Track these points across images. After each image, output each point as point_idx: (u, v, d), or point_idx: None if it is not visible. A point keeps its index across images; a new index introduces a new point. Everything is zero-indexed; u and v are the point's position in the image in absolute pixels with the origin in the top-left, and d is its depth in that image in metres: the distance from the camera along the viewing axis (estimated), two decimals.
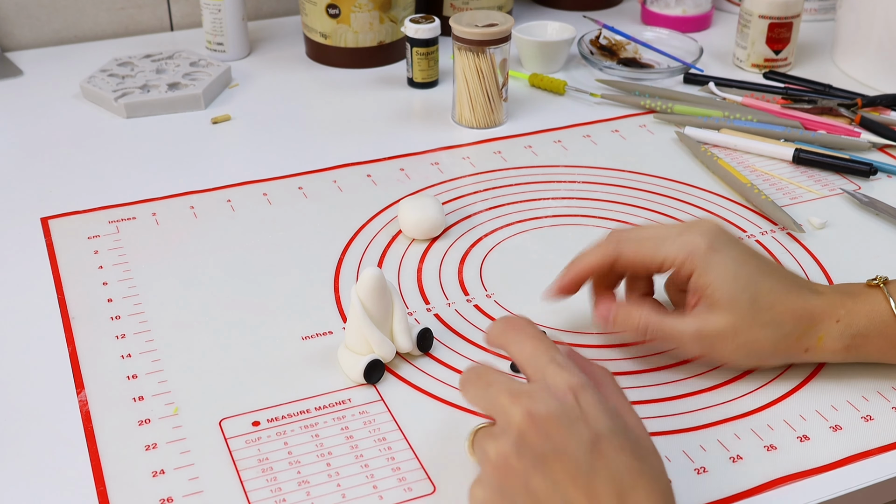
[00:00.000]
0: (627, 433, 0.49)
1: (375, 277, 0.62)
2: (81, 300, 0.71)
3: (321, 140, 0.94)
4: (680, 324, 0.62)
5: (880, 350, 0.62)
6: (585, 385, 0.50)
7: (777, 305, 0.60)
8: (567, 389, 0.49)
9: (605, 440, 0.48)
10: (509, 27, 0.91)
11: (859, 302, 0.62)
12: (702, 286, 0.61)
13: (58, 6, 1.12)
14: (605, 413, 0.49)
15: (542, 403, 0.49)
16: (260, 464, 0.58)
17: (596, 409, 0.49)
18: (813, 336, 0.61)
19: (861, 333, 0.61)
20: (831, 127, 0.95)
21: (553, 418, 0.48)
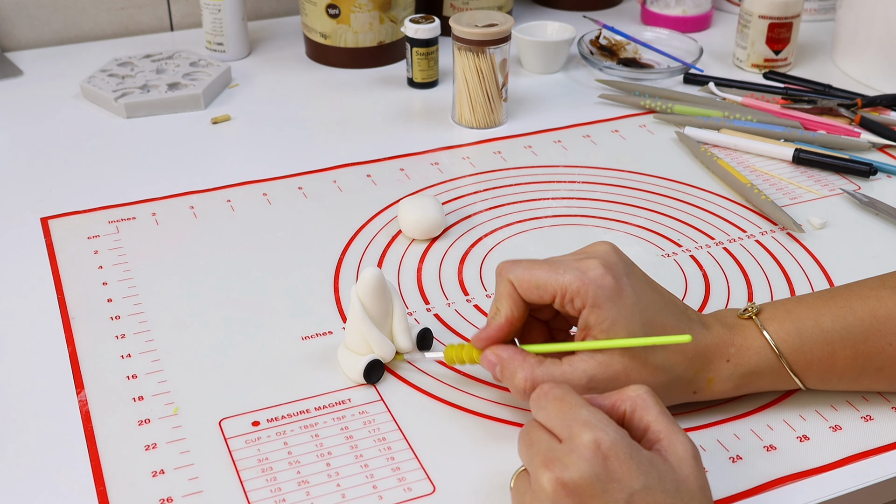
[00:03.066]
0: (663, 483, 0.48)
1: (375, 277, 0.62)
2: (81, 300, 0.71)
3: (321, 140, 0.94)
4: (571, 373, 0.56)
5: (770, 384, 0.60)
6: (615, 440, 0.48)
7: (670, 348, 0.57)
8: (595, 449, 0.48)
9: (639, 499, 0.47)
10: (509, 27, 0.91)
11: (744, 337, 0.58)
12: (596, 321, 0.56)
13: (58, 6, 1.12)
14: (637, 468, 0.48)
15: (573, 470, 0.48)
16: (260, 464, 0.58)
17: (627, 465, 0.48)
18: (702, 378, 0.58)
19: (751, 372, 0.58)
20: (831, 127, 0.95)
21: (585, 486, 0.47)
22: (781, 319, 0.59)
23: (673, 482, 0.48)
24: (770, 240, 0.79)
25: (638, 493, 0.47)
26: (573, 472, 0.47)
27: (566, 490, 0.47)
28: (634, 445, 0.49)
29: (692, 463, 0.49)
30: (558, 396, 0.51)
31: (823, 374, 0.59)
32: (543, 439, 0.50)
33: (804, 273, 0.75)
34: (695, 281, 0.74)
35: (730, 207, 0.84)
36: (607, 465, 0.48)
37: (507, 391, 0.63)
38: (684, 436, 0.50)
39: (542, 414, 0.51)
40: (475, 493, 0.56)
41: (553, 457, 0.49)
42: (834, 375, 0.60)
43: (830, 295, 0.61)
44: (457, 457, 0.58)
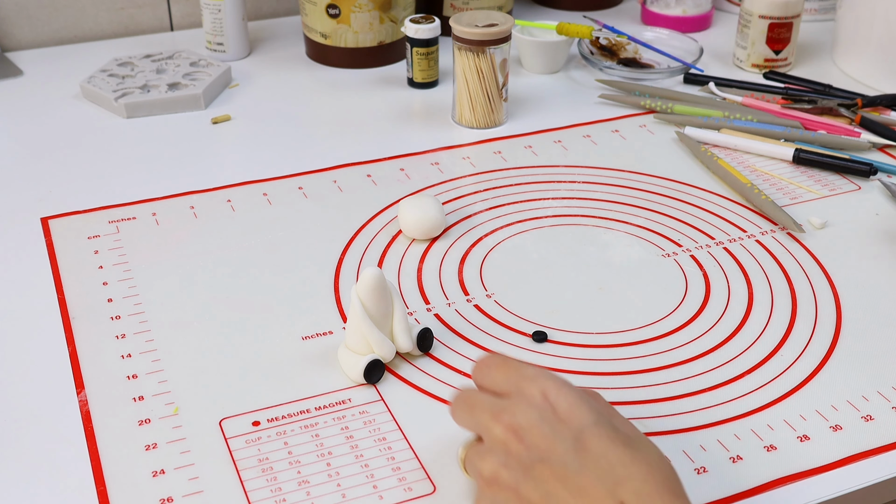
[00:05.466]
0: (612, 422, 0.49)
1: (375, 277, 0.62)
2: (81, 300, 0.71)
3: (321, 140, 0.94)
4: None
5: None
6: (560, 385, 0.49)
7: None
8: (542, 395, 0.49)
9: (589, 433, 0.47)
10: (509, 27, 0.91)
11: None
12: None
13: (58, 6, 1.12)
14: (585, 408, 0.48)
15: (521, 415, 0.48)
16: (260, 464, 0.58)
17: (575, 406, 0.48)
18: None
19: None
20: (831, 127, 0.95)
21: (533, 426, 0.48)
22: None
23: (621, 423, 0.49)
24: (770, 240, 0.79)
25: (589, 427, 0.47)
26: (520, 417, 0.48)
27: (516, 434, 0.48)
28: (582, 392, 0.50)
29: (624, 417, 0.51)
30: (500, 361, 0.52)
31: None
32: (487, 398, 0.51)
33: (804, 273, 0.75)
34: (695, 281, 0.74)
35: (730, 207, 0.84)
36: (556, 408, 0.48)
37: None
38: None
39: (488, 379, 0.52)
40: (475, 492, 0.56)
41: (501, 408, 0.49)
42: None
43: None
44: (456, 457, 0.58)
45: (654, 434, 0.60)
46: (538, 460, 0.47)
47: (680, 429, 0.61)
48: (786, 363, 0.66)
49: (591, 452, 0.47)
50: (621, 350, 0.67)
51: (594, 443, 0.47)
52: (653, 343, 0.68)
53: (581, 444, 0.47)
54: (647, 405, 0.62)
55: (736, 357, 0.66)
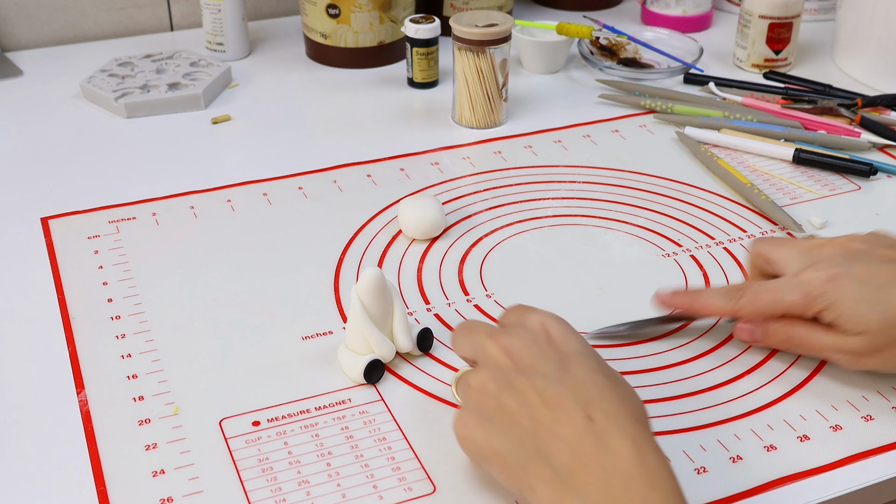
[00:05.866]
0: (599, 359, 0.53)
1: (375, 277, 0.62)
2: (81, 300, 0.71)
3: (321, 140, 0.94)
4: (823, 339, 0.61)
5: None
6: (559, 321, 0.55)
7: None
8: (540, 324, 0.55)
9: (574, 359, 0.52)
10: (509, 27, 0.91)
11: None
12: (832, 320, 0.60)
13: (58, 6, 1.12)
14: (575, 339, 0.54)
15: (517, 336, 0.54)
16: (260, 464, 0.58)
17: (566, 336, 0.54)
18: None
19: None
20: (831, 127, 0.95)
21: (525, 346, 0.53)
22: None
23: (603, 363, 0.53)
24: None
25: (574, 354, 0.53)
26: (515, 339, 0.54)
27: (508, 351, 0.53)
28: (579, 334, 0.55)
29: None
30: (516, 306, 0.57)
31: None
32: (485, 325, 0.56)
33: None
34: (695, 281, 0.74)
35: (730, 207, 0.84)
36: (549, 336, 0.54)
37: None
38: None
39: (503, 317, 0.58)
40: (475, 492, 0.56)
41: (499, 331, 0.55)
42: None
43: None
44: (457, 457, 0.58)
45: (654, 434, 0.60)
46: (521, 373, 0.52)
47: (680, 429, 0.61)
48: (786, 363, 0.66)
49: (571, 373, 0.51)
50: (621, 350, 0.67)
51: (576, 367, 0.52)
52: (653, 343, 0.68)
53: (564, 365, 0.52)
54: (647, 405, 0.62)
55: (736, 357, 0.66)
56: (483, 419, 0.52)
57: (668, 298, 0.67)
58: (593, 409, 0.50)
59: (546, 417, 0.50)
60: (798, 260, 0.63)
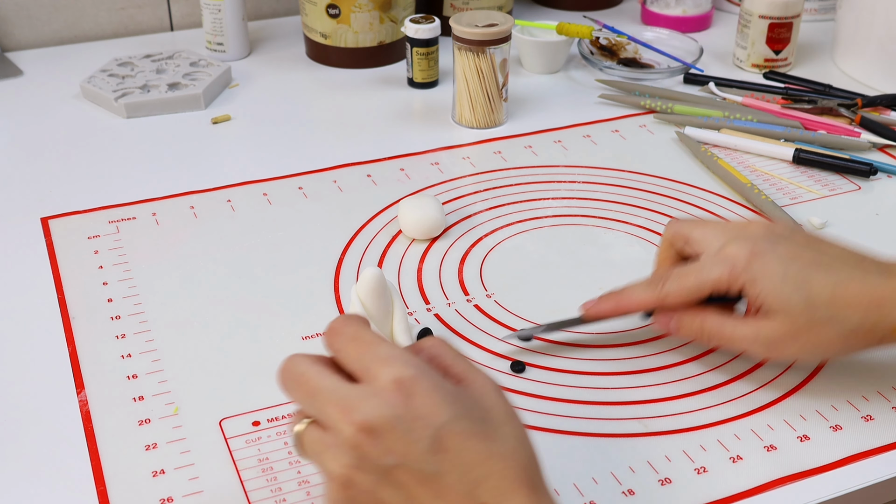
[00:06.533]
0: (472, 414, 0.47)
1: (375, 277, 0.62)
2: (81, 300, 0.71)
3: (321, 140, 0.94)
4: (738, 330, 0.60)
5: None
6: (415, 375, 0.46)
7: (837, 299, 0.58)
8: (396, 387, 0.46)
9: (447, 432, 0.45)
10: (509, 27, 0.91)
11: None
12: (754, 297, 0.59)
13: (58, 6, 1.12)
14: (442, 401, 0.46)
15: (374, 411, 0.45)
16: (260, 464, 0.58)
17: (431, 399, 0.46)
18: (886, 325, 0.58)
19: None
20: (831, 127, 0.95)
21: (387, 427, 0.45)
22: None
23: (481, 410, 0.47)
24: None
25: (446, 425, 0.45)
26: (373, 414, 0.45)
27: (369, 435, 0.45)
28: (438, 378, 0.47)
29: (495, 394, 0.48)
30: (353, 335, 0.49)
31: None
32: (331, 383, 0.47)
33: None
34: None
35: (730, 207, 0.84)
36: (411, 402, 0.46)
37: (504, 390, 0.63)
38: (483, 372, 0.49)
39: (340, 352, 0.49)
40: None
41: (349, 402, 0.46)
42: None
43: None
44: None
45: (655, 434, 0.60)
46: (396, 465, 0.45)
47: (680, 429, 0.61)
48: (786, 363, 0.66)
49: (449, 452, 0.45)
50: (621, 350, 0.67)
51: (452, 442, 0.45)
52: (653, 343, 0.68)
53: (438, 444, 0.45)
54: (648, 405, 0.62)
55: (736, 357, 0.66)
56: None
57: (595, 307, 0.65)
58: (481, 490, 0.45)
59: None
60: (720, 238, 0.62)
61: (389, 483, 0.46)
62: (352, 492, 0.47)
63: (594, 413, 0.62)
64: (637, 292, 0.64)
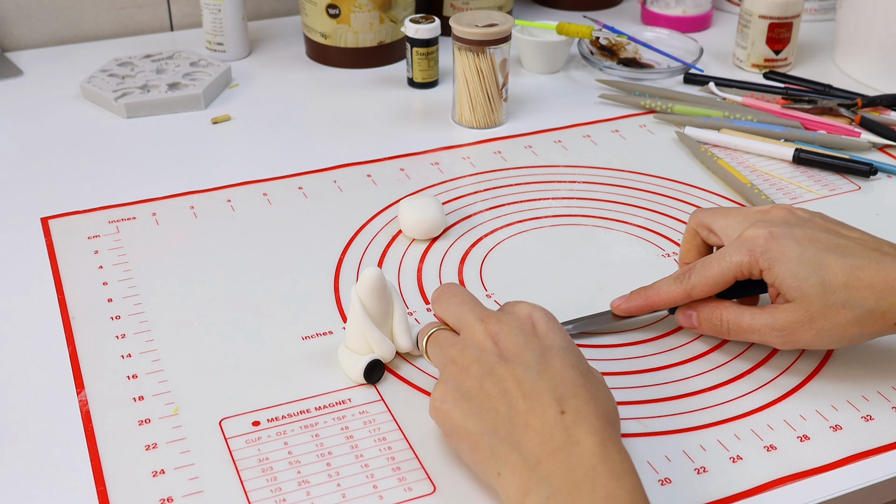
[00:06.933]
0: (579, 356, 0.55)
1: (375, 277, 0.62)
2: (81, 300, 0.71)
3: (321, 140, 0.94)
4: (756, 319, 0.62)
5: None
6: (545, 313, 0.57)
7: (852, 282, 0.59)
8: (527, 315, 0.57)
9: (555, 354, 0.54)
10: (509, 27, 0.91)
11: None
12: (772, 280, 0.60)
13: (58, 6, 1.12)
14: (559, 334, 0.56)
15: (505, 323, 0.56)
16: (260, 464, 0.58)
17: (552, 331, 0.56)
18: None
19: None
20: (831, 127, 0.95)
21: (511, 334, 0.55)
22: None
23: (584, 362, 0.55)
24: None
25: (556, 349, 0.55)
26: (504, 327, 0.55)
27: (496, 339, 0.55)
28: (564, 331, 0.57)
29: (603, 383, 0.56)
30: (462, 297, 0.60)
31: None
32: (476, 301, 0.59)
33: None
34: None
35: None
36: (535, 327, 0.56)
37: None
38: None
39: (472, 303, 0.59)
40: (475, 492, 0.56)
41: (489, 315, 0.57)
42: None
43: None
44: (457, 457, 0.58)
45: (655, 434, 0.60)
46: (505, 360, 0.54)
47: (680, 429, 0.61)
48: (786, 363, 0.66)
49: (551, 367, 0.53)
50: (621, 350, 0.67)
51: (556, 361, 0.54)
52: (653, 343, 0.68)
53: (545, 358, 0.54)
54: (648, 405, 0.62)
55: (736, 357, 0.66)
56: (462, 398, 0.54)
57: (625, 305, 0.67)
58: (566, 403, 0.51)
59: (522, 407, 0.52)
60: (742, 224, 0.64)
61: (496, 376, 0.53)
62: (465, 379, 0.54)
63: None
64: (665, 287, 0.65)
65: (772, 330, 0.61)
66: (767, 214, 0.64)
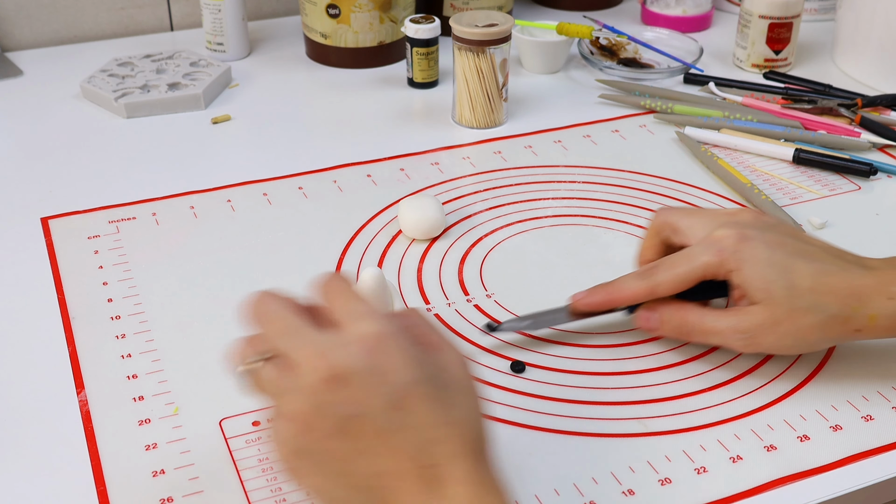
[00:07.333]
0: (435, 380, 0.47)
1: (375, 277, 0.62)
2: (81, 300, 0.71)
3: (321, 140, 0.94)
4: (719, 321, 0.61)
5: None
6: (388, 333, 0.47)
7: (818, 287, 0.59)
8: (367, 341, 0.47)
9: (409, 393, 0.46)
10: (509, 27, 0.91)
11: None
12: (739, 281, 0.60)
13: (58, 6, 1.12)
14: (409, 362, 0.47)
15: (344, 360, 0.46)
16: (260, 464, 0.58)
17: (399, 358, 0.47)
18: (863, 315, 0.59)
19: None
20: (831, 127, 0.95)
21: (354, 377, 0.46)
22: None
23: (444, 379, 0.48)
24: None
25: (408, 385, 0.46)
26: (343, 363, 0.46)
27: (336, 382, 0.46)
28: (409, 341, 0.48)
29: (460, 366, 0.49)
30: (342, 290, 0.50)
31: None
32: (307, 328, 0.48)
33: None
34: None
35: (730, 207, 0.84)
36: (379, 357, 0.46)
37: (504, 390, 0.63)
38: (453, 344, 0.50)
39: (326, 297, 0.50)
40: None
41: (323, 348, 0.47)
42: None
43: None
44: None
45: (654, 434, 0.60)
46: (355, 415, 0.46)
47: (680, 429, 0.61)
48: (786, 363, 0.66)
49: (408, 413, 0.46)
50: (621, 350, 0.67)
51: (412, 403, 0.46)
52: (653, 343, 0.68)
53: (399, 403, 0.46)
54: (648, 405, 0.62)
55: (736, 357, 0.66)
56: (310, 460, 0.47)
57: (585, 300, 0.65)
58: (432, 453, 0.46)
59: (383, 466, 0.46)
60: (709, 225, 0.63)
61: (344, 433, 0.46)
62: (306, 437, 0.47)
63: (594, 413, 0.62)
64: (628, 283, 0.64)
65: (735, 332, 0.60)
66: (735, 216, 0.63)
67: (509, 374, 0.65)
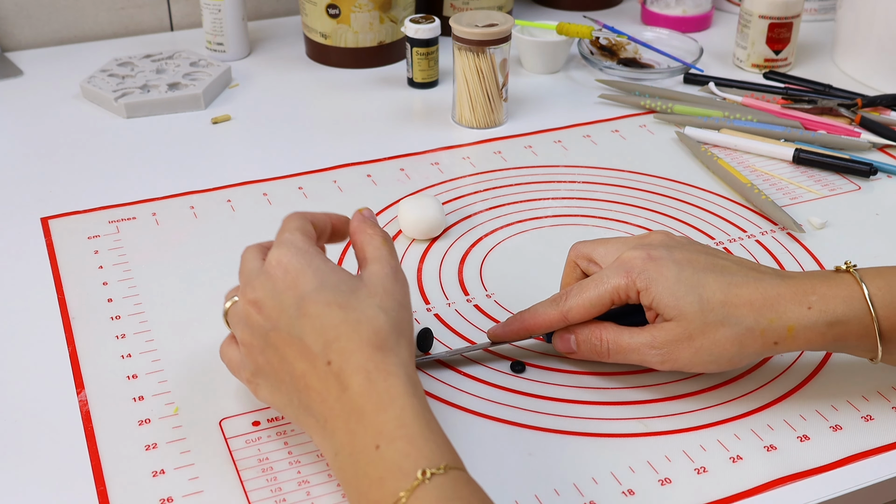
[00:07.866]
0: (337, 287, 0.54)
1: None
2: (81, 300, 0.71)
3: (321, 140, 0.94)
4: (634, 338, 0.60)
5: (855, 341, 0.58)
6: (292, 252, 0.55)
7: (730, 299, 0.58)
8: (276, 264, 0.55)
9: (310, 300, 0.53)
10: (509, 27, 0.91)
11: (830, 286, 0.58)
12: (649, 301, 0.59)
13: (58, 6, 1.12)
14: (311, 275, 0.54)
15: (259, 287, 0.55)
16: (260, 464, 0.58)
17: (301, 274, 0.54)
18: (780, 325, 0.58)
19: (837, 321, 0.58)
20: (831, 127, 0.95)
21: (268, 296, 0.54)
22: (878, 276, 0.59)
23: (351, 286, 0.54)
24: (770, 240, 0.79)
25: (309, 294, 0.53)
26: (259, 291, 0.55)
27: (256, 307, 0.54)
28: (316, 259, 0.55)
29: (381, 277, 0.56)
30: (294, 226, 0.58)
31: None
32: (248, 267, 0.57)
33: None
34: None
35: (730, 207, 0.84)
36: (285, 277, 0.54)
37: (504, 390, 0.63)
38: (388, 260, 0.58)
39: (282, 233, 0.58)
40: None
41: (248, 281, 0.56)
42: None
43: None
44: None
45: (654, 434, 0.60)
46: (272, 329, 0.54)
47: (680, 429, 0.61)
48: (786, 363, 0.66)
49: (310, 317, 0.53)
50: None
51: (312, 307, 0.53)
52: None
53: (302, 309, 0.53)
54: (648, 405, 0.62)
55: None
56: (260, 375, 0.55)
57: (501, 330, 0.65)
58: (330, 351, 0.52)
59: (299, 370, 0.53)
60: (619, 251, 0.62)
61: (270, 346, 0.54)
62: (249, 356, 0.56)
63: (594, 413, 0.62)
64: (541, 310, 0.63)
65: (651, 348, 0.59)
66: (645, 239, 0.63)
67: (509, 374, 0.65)
